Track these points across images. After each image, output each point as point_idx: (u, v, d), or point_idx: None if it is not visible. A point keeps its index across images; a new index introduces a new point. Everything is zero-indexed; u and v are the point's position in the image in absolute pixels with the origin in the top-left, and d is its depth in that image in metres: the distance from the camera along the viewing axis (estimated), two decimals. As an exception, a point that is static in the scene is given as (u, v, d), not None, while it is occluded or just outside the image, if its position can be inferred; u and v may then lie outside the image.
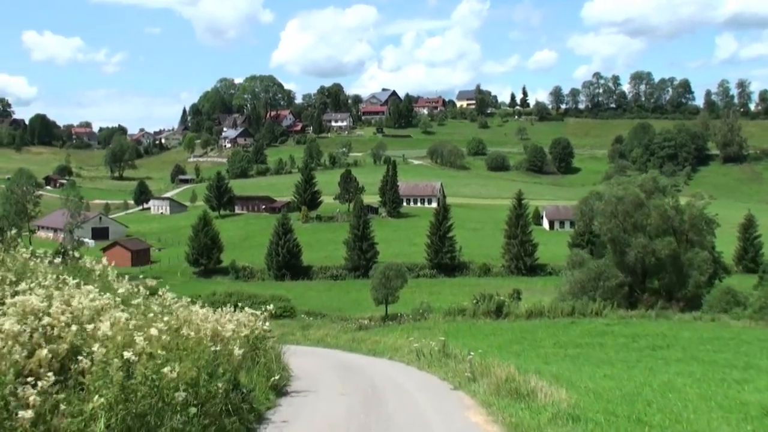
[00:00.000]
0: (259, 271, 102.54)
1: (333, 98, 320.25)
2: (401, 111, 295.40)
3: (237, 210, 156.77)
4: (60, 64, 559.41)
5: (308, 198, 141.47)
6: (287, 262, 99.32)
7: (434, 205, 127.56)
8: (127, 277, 15.09)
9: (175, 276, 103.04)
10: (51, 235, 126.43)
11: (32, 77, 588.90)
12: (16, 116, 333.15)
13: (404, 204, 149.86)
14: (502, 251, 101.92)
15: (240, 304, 19.08)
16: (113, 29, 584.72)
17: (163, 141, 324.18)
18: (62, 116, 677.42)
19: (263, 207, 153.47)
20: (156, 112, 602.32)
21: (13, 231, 13.18)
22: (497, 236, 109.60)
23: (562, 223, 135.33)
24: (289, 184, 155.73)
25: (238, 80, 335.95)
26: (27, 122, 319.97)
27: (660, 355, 24.04)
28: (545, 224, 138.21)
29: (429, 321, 37.56)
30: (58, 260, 13.87)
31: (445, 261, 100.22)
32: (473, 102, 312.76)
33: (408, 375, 18.49)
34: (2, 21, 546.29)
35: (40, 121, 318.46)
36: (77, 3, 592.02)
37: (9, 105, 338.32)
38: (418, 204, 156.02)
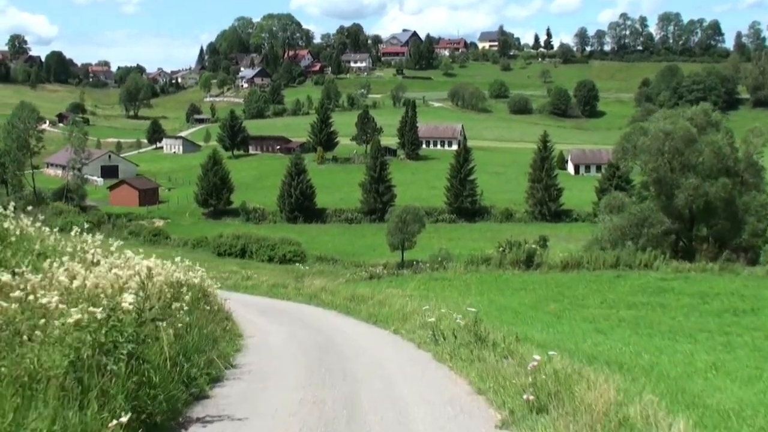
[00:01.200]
0: (271, 214, 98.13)
1: (352, 39, 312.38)
2: (422, 52, 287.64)
3: (251, 151, 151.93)
4: (79, 3, 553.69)
5: (324, 138, 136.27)
6: (300, 204, 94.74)
7: (454, 147, 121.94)
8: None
9: (183, 217, 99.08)
10: (60, 172, 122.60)
11: (52, 16, 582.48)
12: (32, 53, 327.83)
13: (423, 146, 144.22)
14: (526, 196, 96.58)
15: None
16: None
17: (179, 80, 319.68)
18: (82, 56, 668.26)
19: (278, 147, 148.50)
20: (175, 53, 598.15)
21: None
22: (520, 180, 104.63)
23: (588, 168, 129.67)
24: (306, 126, 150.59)
25: (256, 20, 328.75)
26: (43, 60, 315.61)
27: (749, 323, 19.08)
28: (570, 168, 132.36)
29: (449, 271, 32.60)
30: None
31: (465, 205, 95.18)
32: (495, 43, 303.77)
33: (420, 372, 11.50)
34: None
35: (57, 58, 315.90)
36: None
37: (25, 42, 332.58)
38: (438, 146, 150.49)
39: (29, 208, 13.62)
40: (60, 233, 13.29)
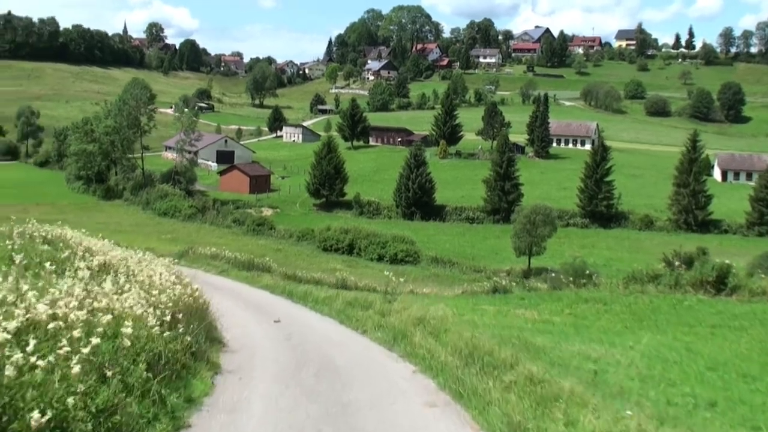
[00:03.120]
0: (386, 208, 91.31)
1: (483, 34, 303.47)
2: (554, 49, 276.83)
3: (371, 142, 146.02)
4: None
5: (448, 131, 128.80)
6: (418, 200, 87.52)
7: (587, 147, 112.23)
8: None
9: (293, 207, 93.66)
10: (176, 156, 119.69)
11: (194, 9, 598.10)
12: (168, 42, 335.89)
13: (554, 144, 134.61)
14: (669, 202, 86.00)
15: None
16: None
17: (306, 71, 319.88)
18: (217, 48, 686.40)
19: (399, 140, 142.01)
20: (307, 48, 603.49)
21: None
22: (660, 185, 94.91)
23: (737, 174, 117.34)
24: (431, 119, 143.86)
25: (386, 12, 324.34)
26: (177, 48, 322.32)
27: None
28: (716, 174, 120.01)
29: (602, 290, 24.36)
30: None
31: (600, 209, 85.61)
32: (633, 42, 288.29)
33: None
34: None
35: (190, 47, 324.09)
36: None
37: (161, 30, 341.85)
38: (570, 145, 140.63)
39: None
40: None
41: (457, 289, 40.01)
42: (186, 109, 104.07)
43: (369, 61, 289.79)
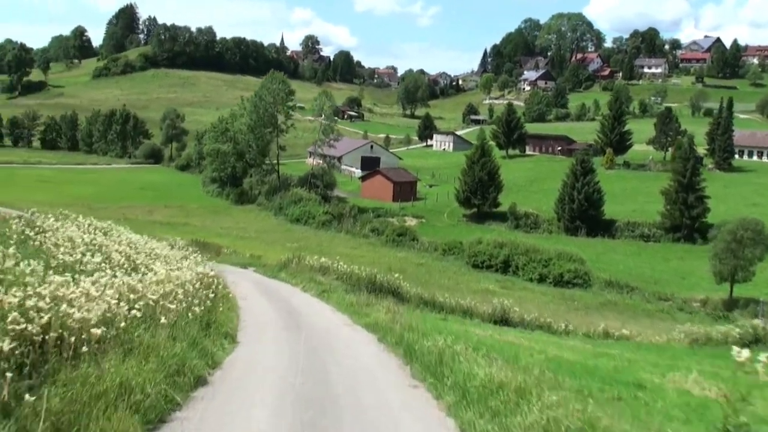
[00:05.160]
0: (546, 222, 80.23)
1: (647, 43, 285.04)
2: (726, 59, 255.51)
3: (528, 151, 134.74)
4: (379, 15, 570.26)
5: (615, 139, 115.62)
6: (583, 212, 75.97)
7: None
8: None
9: (439, 217, 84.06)
10: (320, 162, 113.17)
11: (354, 28, 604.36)
12: (323, 53, 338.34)
13: (735, 156, 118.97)
14: None
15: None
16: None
17: (460, 83, 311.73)
18: (373, 63, 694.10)
19: (558, 149, 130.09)
20: (459, 61, 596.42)
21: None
22: None
23: None
24: (591, 131, 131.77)
25: (544, 21, 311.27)
26: (332, 60, 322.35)
27: None
28: None
29: None
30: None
31: (806, 229, 71.35)
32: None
33: None
34: None
35: (344, 58, 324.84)
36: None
37: (317, 42, 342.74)
38: (754, 157, 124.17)
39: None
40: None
41: (648, 331, 29.21)
42: (325, 105, 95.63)
43: (525, 72, 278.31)
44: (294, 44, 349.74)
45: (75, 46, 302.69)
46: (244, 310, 19.04)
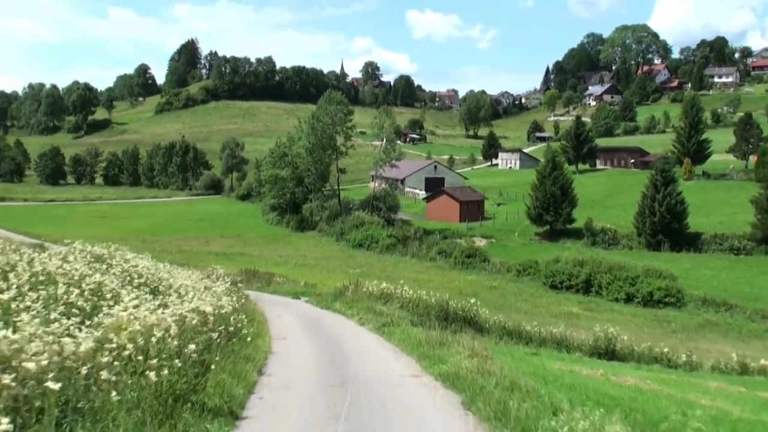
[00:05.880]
0: (625, 237, 74.56)
1: (716, 52, 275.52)
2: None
3: (598, 165, 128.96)
4: (437, 41, 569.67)
5: (692, 149, 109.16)
6: (666, 225, 70.21)
7: None
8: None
9: (510, 236, 79.19)
10: (383, 185, 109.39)
11: (414, 55, 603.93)
12: (383, 79, 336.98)
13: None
14: None
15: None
16: (489, 4, 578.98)
17: (522, 101, 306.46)
18: (433, 87, 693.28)
19: (631, 161, 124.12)
20: (522, 86, 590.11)
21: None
22: None
23: None
24: (663, 143, 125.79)
25: (607, 35, 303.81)
26: (392, 84, 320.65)
27: None
28: None
29: None
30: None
31: None
32: None
33: None
34: (391, 2, 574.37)
35: (405, 82, 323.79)
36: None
37: (377, 68, 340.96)
38: None
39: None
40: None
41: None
42: (386, 123, 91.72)
43: (590, 87, 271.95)
44: (354, 71, 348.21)
45: (139, 84, 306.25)
46: (275, 356, 14.64)
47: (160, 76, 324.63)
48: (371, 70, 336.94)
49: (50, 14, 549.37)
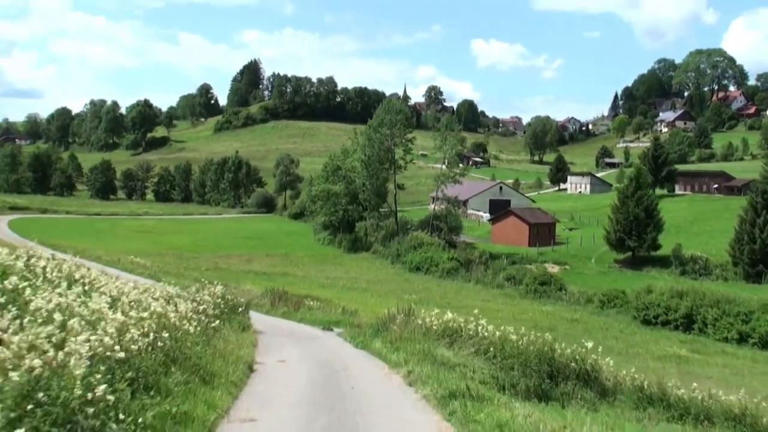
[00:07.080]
0: (718, 267, 65.77)
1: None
2: None
3: (677, 191, 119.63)
4: (502, 70, 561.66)
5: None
6: (767, 254, 61.50)
7: None
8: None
9: (586, 263, 70.87)
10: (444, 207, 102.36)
11: (476, 83, 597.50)
12: (446, 104, 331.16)
13: None
14: None
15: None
16: (554, 34, 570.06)
17: (590, 127, 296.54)
18: (497, 113, 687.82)
19: (715, 186, 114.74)
20: (588, 114, 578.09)
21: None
22: None
23: None
24: (745, 169, 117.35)
25: (679, 61, 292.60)
26: (455, 109, 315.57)
27: None
28: None
29: None
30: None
31: None
32: None
33: None
34: (456, 32, 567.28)
35: (468, 107, 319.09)
36: (522, 11, 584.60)
37: (440, 93, 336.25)
38: None
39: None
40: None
41: None
42: (449, 137, 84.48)
43: (661, 113, 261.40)
44: (417, 97, 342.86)
45: (200, 103, 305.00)
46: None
47: (223, 98, 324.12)
48: (434, 95, 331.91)
49: (123, 40, 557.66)
